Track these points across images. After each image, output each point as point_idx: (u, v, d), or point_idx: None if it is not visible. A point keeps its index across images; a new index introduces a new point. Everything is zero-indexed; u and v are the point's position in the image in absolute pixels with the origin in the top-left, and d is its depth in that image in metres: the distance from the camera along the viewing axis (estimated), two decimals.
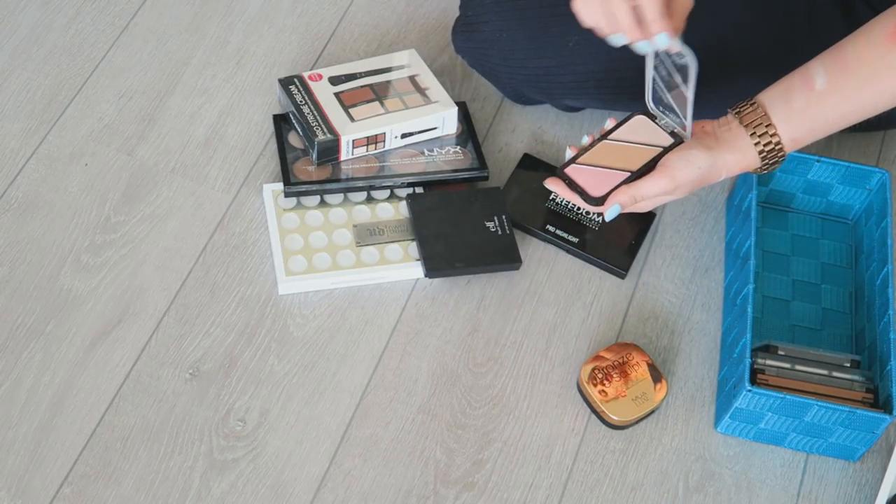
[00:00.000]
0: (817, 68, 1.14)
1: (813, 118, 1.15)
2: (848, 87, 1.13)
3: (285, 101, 1.40)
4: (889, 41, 1.09)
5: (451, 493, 1.21)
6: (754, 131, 1.16)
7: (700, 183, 1.19)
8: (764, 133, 1.15)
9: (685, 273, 1.37)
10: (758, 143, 1.16)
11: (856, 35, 1.12)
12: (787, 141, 1.16)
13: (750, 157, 1.17)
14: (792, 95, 1.15)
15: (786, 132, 1.15)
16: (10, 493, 1.17)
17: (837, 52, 1.13)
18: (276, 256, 1.32)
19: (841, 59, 1.13)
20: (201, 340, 1.28)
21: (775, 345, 1.23)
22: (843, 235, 1.40)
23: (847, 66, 1.12)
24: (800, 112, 1.15)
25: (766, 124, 1.15)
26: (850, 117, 1.15)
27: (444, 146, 1.39)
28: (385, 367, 1.28)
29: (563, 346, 1.31)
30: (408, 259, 1.32)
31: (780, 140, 1.15)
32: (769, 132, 1.15)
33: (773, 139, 1.15)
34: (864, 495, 1.24)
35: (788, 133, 1.15)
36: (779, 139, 1.15)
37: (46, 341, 1.26)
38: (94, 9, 1.53)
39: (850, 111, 1.14)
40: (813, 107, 1.14)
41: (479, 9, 1.37)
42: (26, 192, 1.36)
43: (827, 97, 1.13)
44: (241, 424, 1.23)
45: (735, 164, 1.18)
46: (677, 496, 1.23)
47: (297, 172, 1.35)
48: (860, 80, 1.12)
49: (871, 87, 1.12)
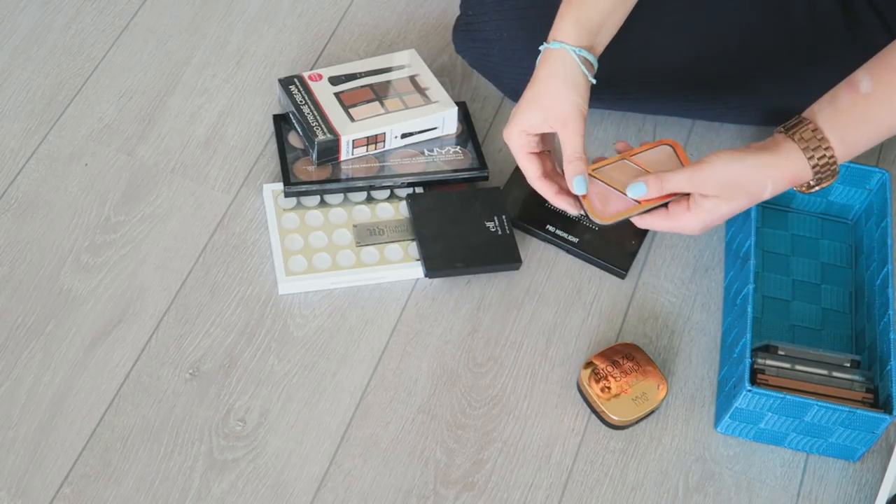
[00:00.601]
0: (862, 74, 1.10)
1: (862, 121, 1.10)
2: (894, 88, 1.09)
3: (285, 101, 1.40)
4: None
5: (451, 493, 1.21)
6: (802, 137, 1.10)
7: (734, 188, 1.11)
8: (812, 138, 1.09)
9: (685, 273, 1.37)
10: (806, 148, 1.09)
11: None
12: (838, 149, 1.10)
13: (800, 168, 1.10)
14: (838, 102, 1.10)
15: (836, 139, 1.09)
16: (10, 493, 1.17)
17: (882, 57, 1.10)
18: (276, 256, 1.32)
19: (886, 62, 1.09)
20: (201, 340, 1.28)
21: (775, 345, 1.23)
22: (843, 235, 1.40)
23: (892, 68, 1.08)
24: (847, 115, 1.09)
25: (814, 130, 1.09)
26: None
27: (444, 146, 1.39)
28: (385, 367, 1.28)
29: (563, 346, 1.31)
30: (408, 259, 1.32)
31: (832, 148, 1.09)
32: (817, 136, 1.09)
33: (822, 144, 1.09)
34: (864, 495, 1.24)
35: (839, 140, 1.09)
36: (829, 145, 1.09)
37: (46, 341, 1.26)
38: (94, 9, 1.53)
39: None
40: (860, 108, 1.09)
41: (479, 8, 1.38)
42: (26, 192, 1.36)
43: (874, 99, 1.08)
44: (241, 424, 1.23)
45: (782, 175, 1.11)
46: (677, 496, 1.23)
47: (297, 172, 1.35)
48: None
49: None
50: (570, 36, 1.17)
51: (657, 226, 1.16)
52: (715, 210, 1.13)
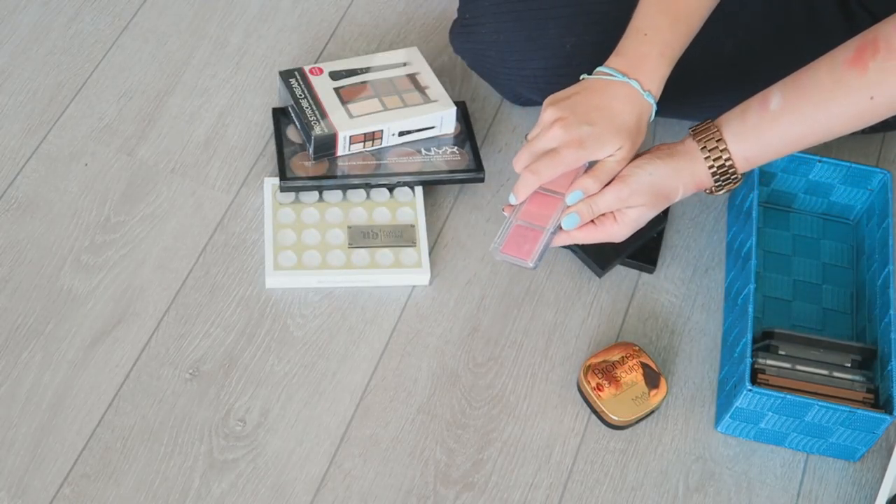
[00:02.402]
0: (775, 91, 1.13)
1: (765, 137, 1.13)
2: (801, 110, 1.11)
3: (285, 95, 1.40)
4: (848, 66, 1.08)
5: (451, 493, 1.21)
6: (705, 145, 1.15)
7: (656, 194, 1.15)
8: (714, 148, 1.14)
9: (685, 273, 1.37)
10: (708, 157, 1.14)
11: (818, 60, 1.12)
12: (738, 159, 1.15)
13: (702, 173, 1.16)
14: (747, 115, 1.14)
15: (737, 150, 1.14)
16: (10, 493, 1.17)
17: (797, 76, 1.13)
18: (266, 249, 1.32)
19: (799, 82, 1.12)
20: (201, 340, 1.28)
21: (773, 330, 1.23)
22: (844, 236, 1.39)
23: (804, 89, 1.11)
24: (752, 129, 1.13)
25: (717, 139, 1.14)
26: (804, 140, 1.13)
27: (441, 146, 1.39)
28: (385, 367, 1.28)
29: (563, 346, 1.31)
30: (398, 265, 1.32)
31: (731, 157, 1.14)
32: (719, 147, 1.14)
33: (723, 154, 1.14)
34: (864, 495, 1.24)
35: (741, 151, 1.14)
36: (729, 156, 1.14)
37: (46, 341, 1.26)
38: (94, 9, 1.53)
39: (803, 133, 1.13)
40: (766, 126, 1.13)
41: (476, 10, 1.37)
42: (26, 192, 1.36)
43: (781, 117, 1.12)
44: (241, 424, 1.23)
45: (690, 179, 1.16)
46: (677, 496, 1.23)
47: (294, 168, 1.35)
48: (815, 102, 1.11)
49: (824, 111, 1.11)
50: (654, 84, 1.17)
51: (587, 239, 1.18)
52: (640, 217, 1.17)
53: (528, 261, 1.16)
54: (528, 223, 1.18)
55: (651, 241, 1.37)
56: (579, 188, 1.15)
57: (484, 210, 1.40)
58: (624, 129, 1.15)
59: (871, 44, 1.08)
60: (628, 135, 1.16)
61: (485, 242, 1.37)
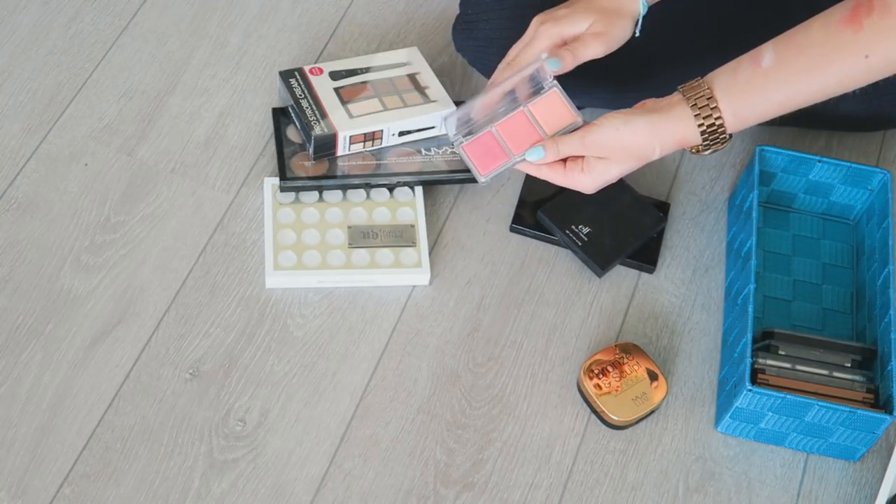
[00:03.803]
0: (768, 47, 1.11)
1: (756, 94, 1.11)
2: (794, 67, 1.09)
3: (285, 94, 1.40)
4: (842, 24, 1.06)
5: (451, 493, 1.21)
6: (695, 103, 1.12)
7: (624, 149, 1.14)
8: (704, 106, 1.12)
9: (685, 273, 1.37)
10: (698, 115, 1.12)
11: (813, 18, 1.10)
12: (728, 117, 1.12)
13: (688, 129, 1.13)
14: (738, 72, 1.12)
15: (727, 107, 1.12)
16: (9, 493, 1.17)
17: (791, 34, 1.10)
18: (266, 249, 1.32)
19: (792, 40, 1.10)
20: (201, 340, 1.28)
21: (773, 330, 1.23)
22: (844, 236, 1.39)
23: (797, 47, 1.09)
24: (743, 86, 1.11)
25: (708, 97, 1.12)
26: (796, 98, 1.11)
27: (441, 146, 1.39)
28: (385, 367, 1.28)
29: (563, 346, 1.31)
30: (398, 265, 1.32)
31: (722, 115, 1.12)
32: (710, 105, 1.12)
33: (713, 112, 1.12)
34: (864, 495, 1.24)
35: (730, 109, 1.12)
36: (720, 114, 1.12)
37: (46, 341, 1.26)
38: (94, 9, 1.53)
39: (795, 92, 1.10)
40: (758, 82, 1.10)
41: (478, 7, 1.37)
42: (26, 192, 1.36)
43: (773, 74, 1.10)
44: (241, 424, 1.23)
45: (671, 136, 1.14)
46: (677, 496, 1.23)
47: (293, 167, 1.35)
48: (808, 60, 1.09)
49: (818, 70, 1.09)
50: None
51: (554, 179, 1.20)
52: (606, 172, 1.18)
53: (483, 175, 1.23)
54: (502, 140, 1.23)
55: (651, 241, 1.37)
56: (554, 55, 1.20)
57: (484, 210, 1.40)
58: (596, 6, 1.18)
59: (866, 2, 1.06)
60: (602, 12, 1.17)
61: (485, 242, 1.37)
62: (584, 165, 1.18)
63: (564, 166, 1.20)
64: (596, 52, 1.20)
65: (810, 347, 1.24)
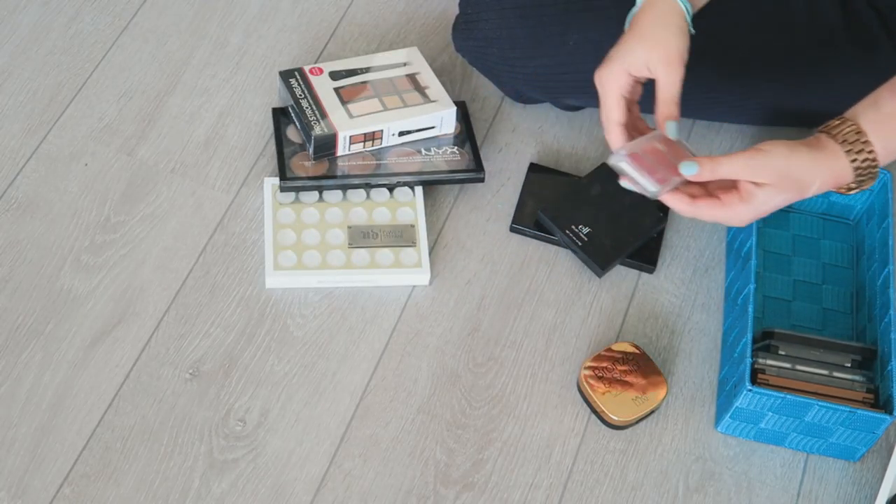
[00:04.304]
0: None
1: None
2: None
3: (285, 94, 1.40)
4: None
5: (451, 493, 1.21)
6: (845, 139, 1.08)
7: (790, 178, 1.08)
8: (856, 141, 1.08)
9: (685, 273, 1.37)
10: (850, 150, 1.07)
11: None
12: (880, 150, 1.09)
13: (843, 167, 1.08)
14: (881, 104, 1.09)
15: (878, 141, 1.08)
16: (9, 493, 1.17)
17: None
18: (266, 249, 1.32)
19: None
20: (201, 340, 1.28)
21: (773, 330, 1.23)
22: (844, 236, 1.39)
23: None
24: (890, 117, 1.08)
25: (857, 131, 1.08)
26: None
27: (441, 146, 1.39)
28: (385, 367, 1.28)
29: (563, 346, 1.31)
30: (398, 265, 1.32)
31: (874, 150, 1.08)
32: (861, 139, 1.08)
33: (865, 147, 1.08)
34: (864, 495, 1.24)
35: (881, 143, 1.08)
36: (872, 147, 1.08)
37: (46, 341, 1.26)
38: (94, 9, 1.53)
39: None
40: None
41: (478, 7, 1.37)
42: (26, 192, 1.36)
43: None
44: (241, 424, 1.23)
45: (829, 172, 1.09)
46: (677, 496, 1.23)
47: (293, 168, 1.35)
48: None
49: None
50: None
51: (705, 214, 1.10)
52: (769, 200, 1.08)
53: (659, 185, 1.09)
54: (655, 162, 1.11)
55: (651, 241, 1.37)
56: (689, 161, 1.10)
57: (484, 210, 1.40)
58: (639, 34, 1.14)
59: None
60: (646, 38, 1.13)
61: (485, 242, 1.37)
62: (743, 194, 1.08)
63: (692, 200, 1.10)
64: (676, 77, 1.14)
65: (810, 347, 1.24)
